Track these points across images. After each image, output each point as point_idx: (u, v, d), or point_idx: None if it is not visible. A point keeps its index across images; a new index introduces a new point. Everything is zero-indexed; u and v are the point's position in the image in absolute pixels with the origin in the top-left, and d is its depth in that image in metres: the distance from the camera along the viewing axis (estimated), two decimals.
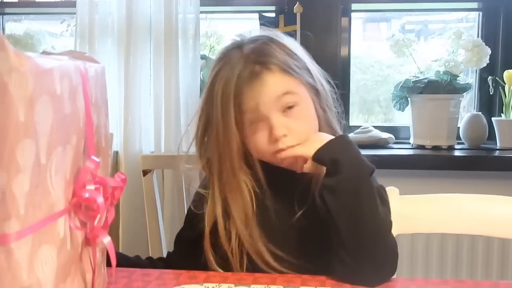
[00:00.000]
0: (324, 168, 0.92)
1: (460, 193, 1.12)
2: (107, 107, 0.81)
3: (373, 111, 2.24)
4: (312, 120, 0.98)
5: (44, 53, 0.74)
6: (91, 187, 0.68)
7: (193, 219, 1.05)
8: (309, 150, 0.92)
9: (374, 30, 2.46)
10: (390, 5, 2.05)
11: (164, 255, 1.17)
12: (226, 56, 0.97)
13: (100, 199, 0.67)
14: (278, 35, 1.01)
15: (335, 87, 1.05)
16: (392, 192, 1.08)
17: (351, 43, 2.00)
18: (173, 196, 1.69)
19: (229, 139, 0.95)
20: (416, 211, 1.11)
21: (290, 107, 0.94)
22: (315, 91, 0.99)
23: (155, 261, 1.12)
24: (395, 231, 0.98)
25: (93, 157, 0.68)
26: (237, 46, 0.97)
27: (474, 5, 1.98)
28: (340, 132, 1.03)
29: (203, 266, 0.97)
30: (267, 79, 0.93)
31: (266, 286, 0.80)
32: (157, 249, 1.53)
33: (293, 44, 1.01)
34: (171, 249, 1.16)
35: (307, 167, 0.95)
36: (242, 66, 0.93)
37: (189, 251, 1.03)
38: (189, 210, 1.09)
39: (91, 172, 0.68)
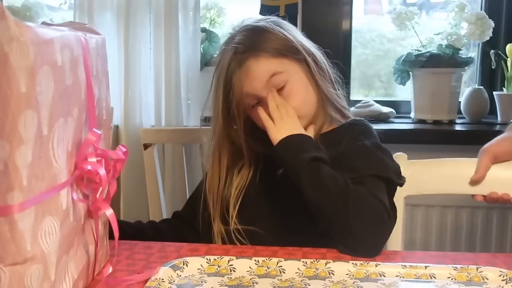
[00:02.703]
0: None
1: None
2: (108, 79, 0.81)
3: (374, 86, 2.23)
4: (305, 96, 1.04)
5: (44, 23, 0.73)
6: (93, 159, 0.68)
7: (203, 181, 1.14)
8: (277, 133, 0.98)
9: (376, 3, 2.43)
10: None
11: None
12: (221, 50, 1.08)
13: (102, 171, 0.67)
14: (271, 20, 1.08)
15: (334, 66, 1.12)
16: (401, 157, 1.15)
17: (352, 16, 1.98)
18: (173, 170, 1.69)
19: (215, 123, 1.07)
20: (423, 174, 1.17)
21: (282, 87, 1.02)
22: (307, 66, 1.05)
23: (158, 224, 1.16)
24: (404, 192, 1.08)
25: (94, 129, 0.68)
26: (230, 39, 1.07)
27: None
28: (342, 105, 1.11)
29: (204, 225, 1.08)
30: (253, 67, 1.01)
31: (267, 258, 0.81)
32: None
33: (284, 26, 1.07)
34: None
35: None
36: (231, 57, 1.03)
37: (198, 206, 1.09)
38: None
39: (93, 145, 0.68)
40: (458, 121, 1.85)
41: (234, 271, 0.79)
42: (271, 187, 1.07)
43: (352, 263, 0.80)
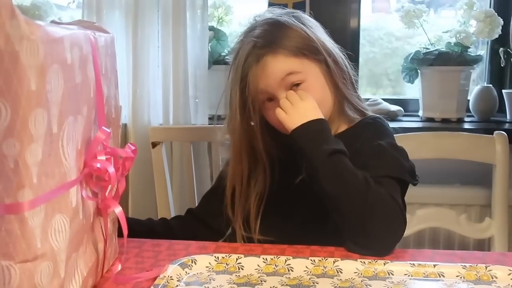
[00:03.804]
0: None
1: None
2: (117, 77, 0.81)
3: (382, 84, 2.22)
4: (321, 97, 1.01)
5: (53, 22, 0.73)
6: (102, 157, 0.68)
7: (222, 177, 1.13)
8: (291, 122, 0.95)
9: (384, 1, 2.42)
10: None
11: None
12: (240, 41, 1.04)
13: (111, 169, 0.67)
14: (294, 15, 1.05)
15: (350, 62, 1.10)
16: None
17: (361, 15, 1.97)
18: (181, 168, 1.69)
19: (233, 121, 1.04)
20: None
21: (297, 84, 0.99)
22: (327, 67, 1.02)
23: (169, 221, 1.16)
24: None
25: (104, 127, 0.68)
26: (250, 30, 1.03)
27: None
28: (362, 106, 1.09)
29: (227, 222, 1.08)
30: (270, 63, 0.99)
31: (275, 256, 0.81)
32: None
33: (307, 22, 1.04)
34: None
35: None
36: (249, 51, 1.00)
37: (216, 203, 1.09)
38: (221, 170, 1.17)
39: (102, 143, 0.69)
40: (466, 119, 1.84)
41: (242, 269, 0.79)
42: (289, 194, 1.05)
43: (361, 262, 0.80)
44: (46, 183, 0.56)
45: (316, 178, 0.92)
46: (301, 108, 0.95)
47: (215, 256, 0.81)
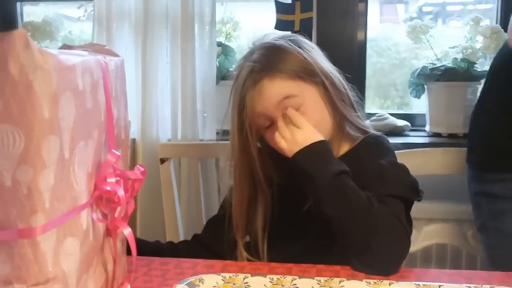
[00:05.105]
0: None
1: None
2: (126, 99, 0.82)
3: (389, 95, 2.22)
4: (319, 119, 1.02)
5: (65, 46, 0.75)
6: (112, 180, 0.69)
7: (226, 203, 1.14)
8: (290, 148, 0.97)
9: (391, 13, 2.42)
10: None
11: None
12: (239, 65, 1.07)
13: (121, 192, 0.68)
14: (291, 38, 1.06)
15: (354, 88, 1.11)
16: None
17: (367, 26, 1.98)
18: (189, 184, 1.71)
19: (233, 141, 1.06)
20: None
21: (296, 110, 1.00)
22: (325, 89, 1.03)
23: (177, 245, 1.16)
24: None
25: (114, 150, 0.70)
26: (249, 54, 1.06)
27: None
28: (363, 125, 1.10)
29: (230, 248, 1.09)
30: (267, 87, 1.01)
31: (281, 276, 0.82)
32: (174, 236, 1.55)
33: (304, 45, 1.06)
34: (188, 237, 1.19)
35: None
36: (247, 74, 1.02)
37: (219, 230, 1.10)
38: (225, 196, 1.18)
39: (112, 165, 0.70)
40: None
41: None
42: (295, 221, 1.07)
43: (366, 282, 0.80)
44: (58, 207, 0.57)
45: (320, 200, 0.93)
46: (299, 135, 0.97)
47: (222, 276, 0.82)
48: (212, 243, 1.13)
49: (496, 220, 1.30)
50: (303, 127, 0.97)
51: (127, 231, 0.72)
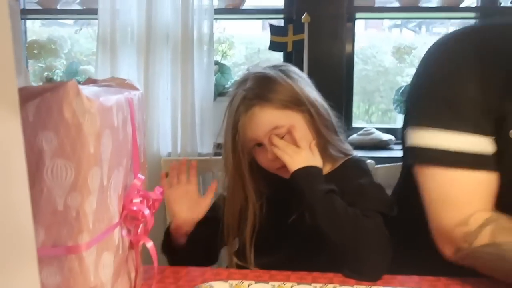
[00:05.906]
0: None
1: None
2: (145, 126, 0.93)
3: (374, 101, 2.30)
4: (305, 144, 1.12)
5: (90, 81, 0.86)
6: (137, 200, 0.80)
7: (213, 208, 1.23)
8: (292, 164, 1.09)
9: (376, 21, 2.50)
10: (392, 14, 2.15)
11: None
12: (234, 91, 1.17)
13: (146, 212, 0.79)
14: (281, 68, 1.17)
15: (340, 116, 1.23)
16: (370, 165, 1.33)
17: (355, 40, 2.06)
18: None
19: (225, 158, 1.18)
20: (388, 178, 1.34)
21: (283, 136, 1.12)
22: (310, 116, 1.14)
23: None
24: None
25: (139, 175, 0.80)
26: (243, 81, 1.16)
27: (471, 15, 2.08)
28: (344, 148, 1.23)
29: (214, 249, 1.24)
30: (257, 114, 1.11)
31: (282, 283, 0.93)
32: None
33: (293, 76, 1.17)
34: None
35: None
36: (240, 100, 1.13)
37: (205, 232, 1.21)
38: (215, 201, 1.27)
39: (137, 188, 0.80)
40: None
41: None
42: (282, 231, 1.19)
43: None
44: (98, 227, 0.68)
45: (314, 214, 1.05)
46: (300, 157, 1.09)
47: (229, 283, 0.93)
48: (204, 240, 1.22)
49: None
50: (304, 149, 1.11)
51: (149, 244, 0.83)
